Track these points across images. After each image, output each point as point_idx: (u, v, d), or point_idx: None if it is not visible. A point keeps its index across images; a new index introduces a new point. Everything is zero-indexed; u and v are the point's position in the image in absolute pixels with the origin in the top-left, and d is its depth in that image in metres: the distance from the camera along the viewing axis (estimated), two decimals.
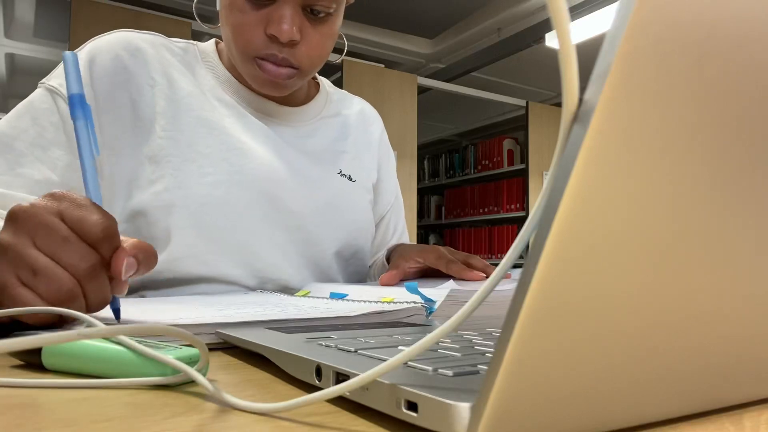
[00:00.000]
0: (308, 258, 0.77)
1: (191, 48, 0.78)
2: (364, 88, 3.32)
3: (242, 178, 0.71)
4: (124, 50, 0.71)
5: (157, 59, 0.73)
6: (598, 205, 0.17)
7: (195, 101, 0.73)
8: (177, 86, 0.72)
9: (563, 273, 0.17)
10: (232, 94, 0.77)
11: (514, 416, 0.18)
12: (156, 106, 0.70)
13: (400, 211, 0.98)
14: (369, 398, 0.23)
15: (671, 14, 0.17)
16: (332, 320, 0.45)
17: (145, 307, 0.50)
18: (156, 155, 0.69)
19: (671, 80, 0.18)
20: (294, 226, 0.75)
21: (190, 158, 0.69)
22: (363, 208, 0.85)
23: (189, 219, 0.67)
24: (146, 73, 0.71)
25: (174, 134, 0.70)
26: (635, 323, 0.20)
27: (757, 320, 0.23)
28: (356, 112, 0.92)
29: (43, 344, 0.24)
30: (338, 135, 0.86)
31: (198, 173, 0.69)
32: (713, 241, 0.20)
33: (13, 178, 0.63)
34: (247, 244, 0.71)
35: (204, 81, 0.76)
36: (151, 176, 0.68)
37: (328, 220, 0.78)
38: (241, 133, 0.74)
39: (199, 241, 0.68)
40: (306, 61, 0.70)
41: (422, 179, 5.37)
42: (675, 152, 0.18)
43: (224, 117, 0.74)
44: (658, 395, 0.21)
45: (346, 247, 0.81)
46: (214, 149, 0.71)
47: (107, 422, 0.22)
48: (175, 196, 0.67)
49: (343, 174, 0.83)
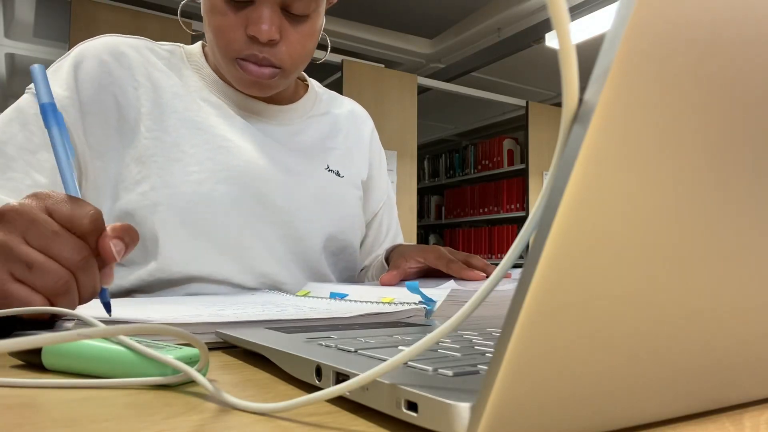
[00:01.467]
0: (297, 253, 0.77)
1: (177, 50, 0.80)
2: (364, 88, 3.32)
3: (228, 175, 0.72)
4: (108, 54, 0.72)
5: (141, 63, 0.74)
6: (598, 205, 0.17)
7: (180, 102, 0.74)
8: (162, 88, 0.73)
9: (563, 273, 0.17)
10: (218, 94, 0.78)
11: (514, 416, 0.18)
12: (141, 107, 0.71)
13: (393, 211, 0.99)
14: (369, 398, 0.23)
15: (671, 14, 0.17)
16: (332, 320, 0.45)
17: (144, 307, 0.50)
18: (141, 156, 0.70)
19: (671, 80, 0.18)
20: (281, 221, 0.76)
21: (176, 158, 0.70)
22: (351, 204, 0.86)
23: (176, 217, 0.68)
24: (131, 75, 0.72)
25: (159, 135, 0.71)
26: (635, 323, 0.20)
27: (758, 320, 0.23)
28: (346, 112, 0.93)
29: (43, 344, 0.24)
30: (327, 132, 0.87)
31: (183, 172, 0.70)
32: (713, 241, 0.20)
33: (5, 182, 0.65)
34: (235, 240, 0.72)
35: (190, 82, 0.77)
36: (137, 177, 0.69)
37: (316, 214, 0.79)
38: (226, 131, 0.74)
39: (187, 239, 0.69)
40: (287, 60, 0.71)
41: (422, 179, 5.37)
42: (675, 152, 0.18)
43: (210, 116, 0.75)
44: (658, 395, 0.21)
45: (333, 242, 0.81)
46: (199, 148, 0.72)
47: (107, 422, 0.22)
48: (162, 195, 0.68)
49: (331, 169, 0.84)
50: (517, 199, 4.39)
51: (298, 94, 0.87)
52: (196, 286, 0.70)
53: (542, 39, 3.33)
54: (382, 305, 0.52)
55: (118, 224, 0.42)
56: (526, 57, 3.82)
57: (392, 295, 0.56)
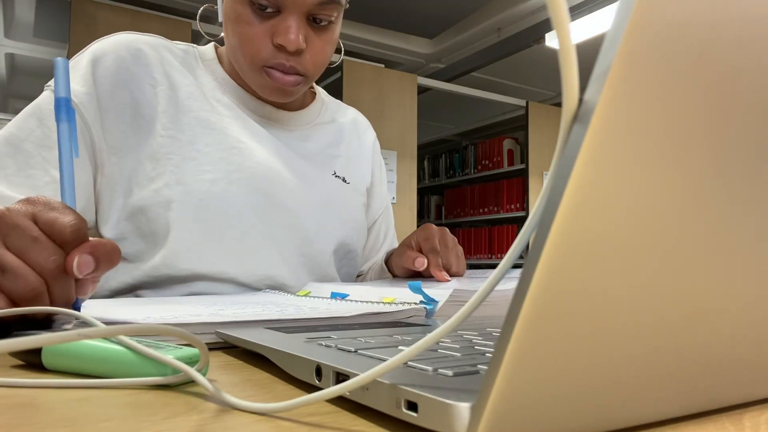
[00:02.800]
0: (306, 256, 0.78)
1: (191, 50, 0.80)
2: (364, 88, 3.32)
3: (240, 176, 0.72)
4: (126, 51, 0.72)
5: (158, 60, 0.74)
6: (598, 205, 0.17)
7: (195, 102, 0.74)
8: (178, 87, 0.74)
9: (563, 273, 0.17)
10: (231, 96, 0.78)
11: (514, 416, 0.18)
12: (158, 105, 0.72)
13: (390, 219, 1.01)
14: (369, 398, 0.23)
15: (671, 14, 0.17)
16: (332, 320, 0.45)
17: (144, 307, 0.50)
18: (156, 153, 0.70)
19: (671, 80, 0.18)
20: (291, 224, 0.76)
21: (190, 156, 0.71)
22: (357, 209, 0.88)
23: (188, 215, 0.69)
24: (148, 73, 0.72)
25: (174, 133, 0.71)
26: (635, 323, 0.20)
27: (757, 320, 0.23)
28: (350, 120, 0.94)
29: (43, 344, 0.24)
30: (332, 140, 0.88)
31: (197, 170, 0.70)
32: (713, 240, 0.20)
33: (24, 179, 0.65)
34: (245, 241, 0.72)
35: (204, 82, 0.78)
36: (152, 173, 0.69)
37: (325, 218, 0.80)
38: (239, 133, 0.75)
39: (198, 236, 0.69)
40: (311, 67, 0.73)
41: (422, 179, 5.37)
42: (675, 152, 0.18)
43: (224, 117, 0.75)
44: (658, 395, 0.21)
45: (341, 246, 0.83)
46: (213, 148, 0.72)
47: (107, 422, 0.22)
48: (175, 193, 0.69)
49: (338, 175, 0.85)
50: (517, 199, 4.39)
51: (307, 101, 0.88)
52: (202, 284, 0.70)
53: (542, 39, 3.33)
54: (382, 305, 0.52)
55: (99, 240, 0.40)
56: (526, 57, 3.82)
57: (393, 295, 0.56)
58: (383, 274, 0.84)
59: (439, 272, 0.72)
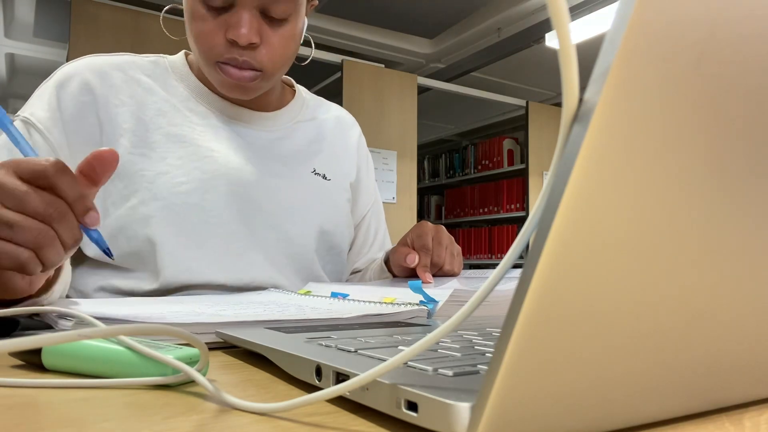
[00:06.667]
0: (290, 256, 0.78)
1: (161, 61, 0.80)
2: (364, 88, 3.31)
3: (215, 183, 0.73)
4: (90, 74, 0.73)
5: (124, 81, 0.75)
6: (598, 205, 0.17)
7: (164, 118, 0.74)
8: (146, 105, 0.74)
9: (563, 273, 0.17)
10: (204, 103, 0.78)
11: (514, 416, 0.18)
12: (123, 124, 0.72)
13: (381, 216, 1.00)
14: (369, 398, 0.23)
15: (671, 14, 0.17)
16: (332, 320, 0.45)
17: (143, 307, 0.50)
18: (127, 171, 0.70)
19: (671, 80, 0.18)
20: (271, 225, 0.76)
21: (163, 171, 0.71)
22: (339, 206, 0.87)
23: (168, 228, 0.69)
24: (113, 94, 0.73)
25: (145, 151, 0.72)
26: (635, 323, 0.20)
27: (757, 321, 0.23)
28: (333, 117, 0.94)
29: (43, 344, 0.24)
30: (314, 137, 0.88)
31: (171, 183, 0.71)
32: (713, 240, 0.20)
33: None
34: (229, 247, 0.72)
35: (176, 92, 0.78)
36: (124, 191, 0.70)
37: (303, 217, 0.80)
38: (211, 141, 0.75)
39: (181, 249, 0.69)
40: (268, 63, 0.72)
41: (422, 179, 5.37)
42: (675, 152, 0.18)
43: (195, 127, 0.76)
44: (658, 395, 0.21)
45: (323, 244, 0.82)
46: (185, 160, 0.73)
47: (107, 422, 0.22)
48: (152, 209, 0.69)
49: (317, 173, 0.85)
50: (517, 199, 4.39)
51: (286, 100, 0.88)
52: (194, 294, 0.70)
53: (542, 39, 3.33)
54: (383, 305, 0.52)
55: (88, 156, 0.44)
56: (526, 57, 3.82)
57: (394, 295, 0.56)
58: (383, 274, 0.84)
59: (424, 273, 0.72)
